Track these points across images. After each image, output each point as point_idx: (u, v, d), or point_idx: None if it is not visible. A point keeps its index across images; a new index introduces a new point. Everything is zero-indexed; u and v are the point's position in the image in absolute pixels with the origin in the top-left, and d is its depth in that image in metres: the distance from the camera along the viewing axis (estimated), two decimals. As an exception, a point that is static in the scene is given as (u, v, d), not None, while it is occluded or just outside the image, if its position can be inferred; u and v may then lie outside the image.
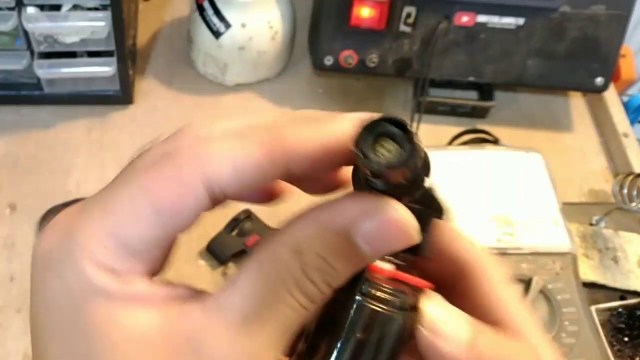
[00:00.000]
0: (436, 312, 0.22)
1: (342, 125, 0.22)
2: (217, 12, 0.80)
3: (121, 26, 0.73)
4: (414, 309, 0.23)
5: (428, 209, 0.23)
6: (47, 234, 0.22)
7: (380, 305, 0.22)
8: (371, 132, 0.20)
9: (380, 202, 0.21)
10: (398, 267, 0.24)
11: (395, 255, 0.24)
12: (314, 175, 0.24)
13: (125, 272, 0.21)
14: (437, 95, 0.85)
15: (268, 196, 0.26)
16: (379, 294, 0.22)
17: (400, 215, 0.21)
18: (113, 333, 0.20)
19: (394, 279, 0.23)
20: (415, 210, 0.22)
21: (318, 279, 0.21)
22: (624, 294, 0.69)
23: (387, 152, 0.20)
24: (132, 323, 0.20)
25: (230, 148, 0.21)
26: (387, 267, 0.24)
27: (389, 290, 0.23)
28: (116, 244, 0.21)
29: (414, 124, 0.82)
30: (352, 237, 0.21)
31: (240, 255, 0.68)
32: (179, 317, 0.21)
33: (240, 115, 0.23)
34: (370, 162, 0.20)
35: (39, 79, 0.78)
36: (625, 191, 0.74)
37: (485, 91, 0.87)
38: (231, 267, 0.69)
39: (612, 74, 0.83)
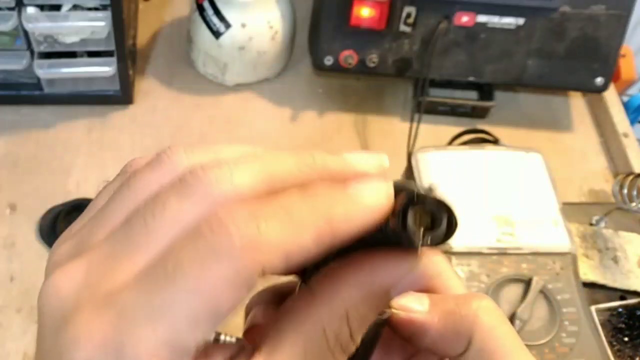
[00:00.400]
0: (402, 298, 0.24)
1: (381, 198, 0.22)
2: (217, 12, 0.80)
3: (121, 26, 0.73)
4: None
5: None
6: (82, 346, 0.19)
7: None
8: (414, 209, 0.22)
9: (414, 264, 0.23)
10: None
11: None
12: None
13: None
14: (437, 95, 0.85)
15: None
16: None
17: (432, 270, 0.23)
18: None
19: None
20: None
21: (357, 335, 0.22)
22: (624, 294, 0.69)
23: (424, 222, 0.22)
24: None
25: (281, 232, 0.20)
26: None
27: None
28: (171, 352, 0.19)
29: (414, 124, 0.82)
30: (389, 296, 0.23)
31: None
32: None
33: (243, 146, 0.23)
34: (415, 240, 0.21)
35: (39, 79, 0.78)
36: (625, 191, 0.74)
37: (485, 91, 0.87)
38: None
39: (612, 74, 0.83)
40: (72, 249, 0.22)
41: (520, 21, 0.80)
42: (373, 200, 0.21)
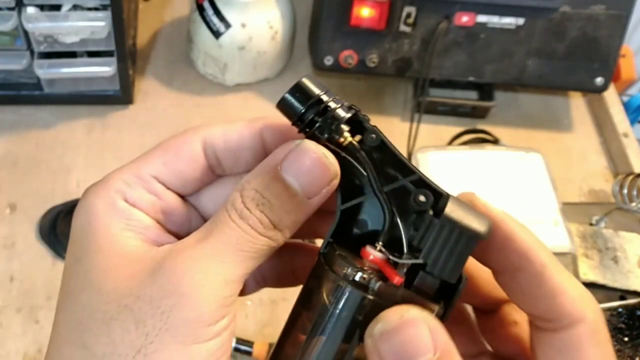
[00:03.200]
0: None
1: None
2: (217, 12, 0.80)
3: (121, 26, 0.73)
4: (366, 289, 0.24)
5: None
6: (87, 193, 0.30)
7: (339, 277, 0.25)
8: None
9: (299, 142, 0.26)
10: (388, 260, 0.25)
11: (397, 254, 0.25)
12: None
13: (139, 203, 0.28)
14: (437, 95, 0.85)
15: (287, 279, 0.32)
16: (345, 269, 0.25)
17: (311, 147, 0.26)
18: (106, 243, 0.27)
19: (374, 265, 0.25)
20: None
21: (253, 207, 0.25)
22: (624, 294, 0.69)
23: None
24: (123, 242, 0.26)
25: (221, 125, 0.29)
26: (377, 255, 0.25)
27: (353, 267, 0.25)
28: (139, 180, 0.29)
29: (414, 124, 0.82)
30: (280, 173, 0.26)
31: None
32: (156, 250, 0.26)
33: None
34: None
35: (39, 79, 0.78)
36: (625, 191, 0.74)
37: (485, 91, 0.86)
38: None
39: (612, 74, 0.83)
40: None
41: (520, 21, 0.80)
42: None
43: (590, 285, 0.69)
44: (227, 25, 0.80)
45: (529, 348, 0.28)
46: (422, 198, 0.25)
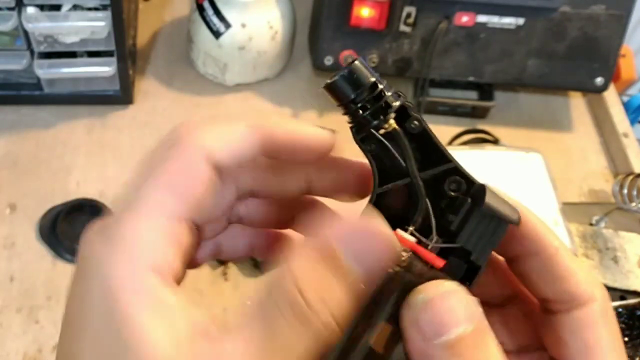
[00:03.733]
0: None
1: (316, 130, 0.28)
2: (217, 12, 0.80)
3: (121, 26, 0.73)
4: (408, 270, 0.24)
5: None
6: (90, 238, 0.23)
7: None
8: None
9: (361, 220, 0.23)
10: (420, 242, 0.26)
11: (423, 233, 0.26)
12: (287, 160, 0.28)
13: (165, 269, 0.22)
14: (437, 95, 0.85)
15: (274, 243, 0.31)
16: None
17: (374, 224, 0.23)
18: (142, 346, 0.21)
19: (406, 248, 0.25)
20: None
21: (321, 310, 0.21)
22: (624, 294, 0.69)
23: None
24: (153, 341, 0.21)
25: (222, 130, 0.25)
26: (408, 238, 0.25)
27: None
28: (171, 236, 0.23)
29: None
30: (341, 259, 0.22)
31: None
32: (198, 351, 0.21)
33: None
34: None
35: (39, 79, 0.78)
36: (625, 191, 0.74)
37: (485, 91, 0.87)
38: (231, 266, 0.69)
39: (612, 74, 0.83)
40: None
41: (520, 21, 0.80)
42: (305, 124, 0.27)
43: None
44: (227, 25, 0.80)
45: (540, 338, 0.29)
46: (454, 185, 0.26)
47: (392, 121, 0.26)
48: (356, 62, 0.26)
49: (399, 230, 0.26)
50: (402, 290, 0.24)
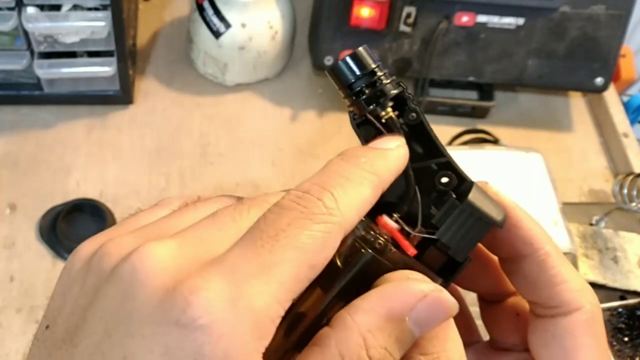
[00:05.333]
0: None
1: (401, 148, 0.26)
2: (217, 12, 0.80)
3: (121, 26, 0.73)
4: (381, 254, 0.25)
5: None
6: (201, 295, 0.20)
7: (361, 242, 0.25)
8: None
9: (428, 288, 0.23)
10: (402, 230, 0.26)
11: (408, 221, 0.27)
12: None
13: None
14: (437, 95, 0.85)
15: None
16: (362, 232, 0.25)
17: (448, 299, 0.23)
18: None
19: (388, 234, 0.26)
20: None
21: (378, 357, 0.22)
22: (624, 294, 0.69)
23: None
24: None
25: (350, 194, 0.24)
26: (392, 224, 0.26)
27: (372, 233, 0.25)
28: (278, 308, 0.21)
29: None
30: (407, 325, 0.23)
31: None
32: None
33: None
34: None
35: (39, 79, 0.78)
36: (625, 191, 0.74)
37: (485, 91, 0.87)
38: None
39: (612, 74, 0.83)
40: (142, 238, 0.23)
41: (520, 21, 0.80)
42: (398, 151, 0.26)
43: (590, 285, 0.69)
44: (227, 25, 0.80)
45: (526, 338, 0.29)
46: (445, 179, 0.27)
47: (389, 109, 0.26)
48: (361, 47, 0.27)
49: (384, 216, 0.26)
50: (371, 274, 0.24)
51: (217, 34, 0.80)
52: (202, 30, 0.81)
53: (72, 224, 0.71)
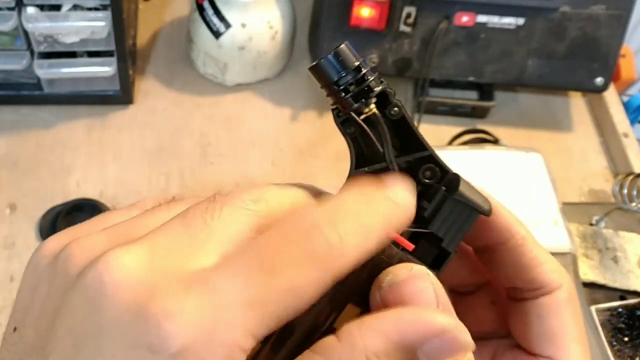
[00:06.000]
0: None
1: (409, 195, 0.25)
2: (217, 12, 0.80)
3: (121, 26, 0.73)
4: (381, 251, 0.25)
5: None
6: (176, 320, 0.19)
7: None
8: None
9: (447, 321, 0.22)
10: None
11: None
12: None
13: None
14: (437, 95, 0.85)
15: None
16: None
17: (464, 339, 0.22)
18: None
19: None
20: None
21: None
22: (624, 294, 0.69)
23: None
24: None
25: (356, 237, 0.23)
26: None
27: None
28: (250, 343, 0.20)
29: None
30: (417, 357, 0.22)
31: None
32: None
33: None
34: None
35: (39, 79, 0.78)
36: (625, 191, 0.74)
37: (485, 91, 0.87)
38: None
39: (612, 74, 0.83)
40: (109, 241, 0.22)
41: (520, 21, 0.80)
42: (407, 199, 0.25)
43: (590, 285, 0.69)
44: (227, 25, 0.80)
45: (505, 325, 0.30)
46: (429, 173, 0.27)
47: (372, 105, 0.26)
48: (342, 45, 0.27)
49: None
50: (370, 271, 0.24)
51: (217, 34, 0.80)
52: (202, 30, 0.81)
53: (72, 224, 0.70)
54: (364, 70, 0.27)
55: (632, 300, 0.68)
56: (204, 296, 0.19)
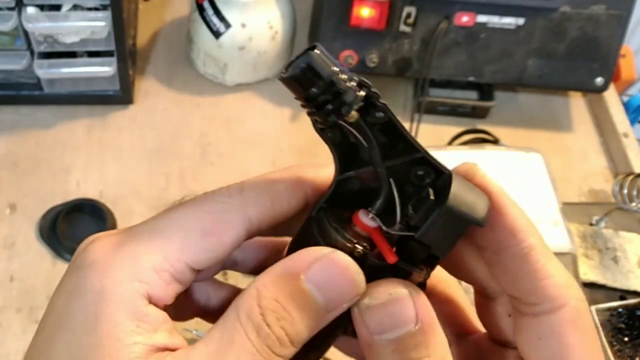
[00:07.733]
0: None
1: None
2: (217, 12, 0.80)
3: (121, 26, 0.73)
4: (362, 263, 0.25)
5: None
6: (97, 248, 0.25)
7: (327, 239, 0.25)
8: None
9: (328, 251, 0.24)
10: (381, 229, 0.25)
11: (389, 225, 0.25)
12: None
13: (154, 318, 0.24)
14: (437, 95, 0.85)
15: None
16: (337, 239, 0.25)
17: (342, 259, 0.24)
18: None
19: (364, 233, 0.25)
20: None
21: (274, 322, 0.23)
22: (624, 294, 0.69)
23: None
24: (127, 350, 0.23)
25: (264, 198, 0.27)
26: (370, 223, 0.25)
27: (349, 239, 0.25)
28: (165, 267, 0.24)
29: (414, 124, 0.82)
30: (303, 283, 0.24)
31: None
32: None
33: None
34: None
35: (39, 79, 0.78)
36: (625, 191, 0.74)
37: (485, 91, 0.87)
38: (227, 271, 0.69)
39: (612, 74, 0.83)
40: None
41: (520, 21, 0.80)
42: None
43: (590, 285, 0.69)
44: (227, 25, 0.80)
45: (504, 333, 0.28)
46: (421, 173, 0.26)
47: (354, 112, 0.24)
48: (314, 52, 0.24)
49: (361, 213, 0.25)
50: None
51: (217, 34, 0.80)
52: (202, 30, 0.81)
53: (72, 224, 0.71)
54: (340, 77, 0.24)
55: (632, 300, 0.68)
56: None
